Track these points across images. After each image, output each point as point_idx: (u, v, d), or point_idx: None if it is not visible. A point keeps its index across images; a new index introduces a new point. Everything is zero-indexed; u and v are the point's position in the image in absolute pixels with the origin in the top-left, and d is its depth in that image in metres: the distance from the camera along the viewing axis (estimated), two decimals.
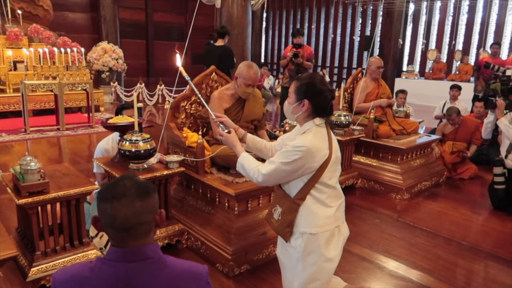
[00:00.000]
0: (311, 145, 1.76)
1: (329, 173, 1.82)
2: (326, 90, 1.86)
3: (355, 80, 4.64)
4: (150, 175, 2.47)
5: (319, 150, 1.77)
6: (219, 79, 3.27)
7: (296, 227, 1.83)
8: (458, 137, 4.80)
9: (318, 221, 1.81)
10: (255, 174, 1.89)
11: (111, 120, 2.68)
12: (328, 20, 15.12)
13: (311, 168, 1.77)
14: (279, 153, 1.83)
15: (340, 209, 1.90)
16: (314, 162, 1.76)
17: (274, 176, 1.83)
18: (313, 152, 1.74)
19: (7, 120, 6.90)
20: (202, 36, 15.18)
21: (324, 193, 1.83)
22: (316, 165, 1.76)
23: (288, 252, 1.91)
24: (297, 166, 1.76)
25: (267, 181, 1.89)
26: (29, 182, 2.08)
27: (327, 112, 1.87)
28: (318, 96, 1.84)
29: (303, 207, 1.81)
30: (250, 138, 2.25)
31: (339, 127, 3.88)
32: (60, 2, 11.79)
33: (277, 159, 1.81)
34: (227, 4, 7.80)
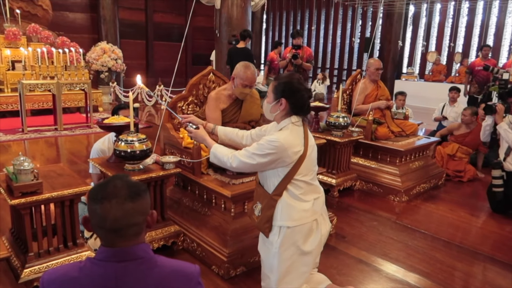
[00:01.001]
0: (285, 140, 1.83)
1: (305, 169, 1.89)
2: (303, 89, 1.92)
3: (354, 82, 4.62)
4: (145, 176, 2.45)
5: (293, 146, 1.84)
6: (216, 79, 3.25)
7: (274, 220, 1.90)
8: (467, 141, 4.76)
9: (294, 214, 1.87)
10: (229, 160, 1.98)
11: (107, 120, 2.65)
12: (328, 21, 15.12)
13: (284, 163, 1.84)
14: (255, 145, 1.91)
15: (318, 203, 1.96)
16: (287, 157, 1.82)
17: (248, 165, 1.91)
18: (286, 147, 1.81)
19: (5, 120, 6.88)
20: (202, 36, 15.20)
21: (300, 189, 1.89)
22: (289, 160, 1.83)
23: (266, 248, 1.98)
24: (270, 160, 1.83)
25: (241, 168, 1.99)
26: (22, 182, 2.05)
27: (304, 111, 1.94)
28: (295, 95, 1.90)
29: (280, 202, 1.88)
30: (221, 130, 2.37)
31: (338, 128, 3.86)
32: (60, 2, 11.77)
33: (252, 149, 1.90)
34: (226, 5, 7.78)
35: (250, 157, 1.90)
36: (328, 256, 2.76)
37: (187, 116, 2.32)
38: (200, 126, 2.27)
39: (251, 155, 1.90)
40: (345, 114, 3.98)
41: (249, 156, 1.90)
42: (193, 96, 3.14)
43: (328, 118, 3.92)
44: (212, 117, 2.87)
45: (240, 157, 1.94)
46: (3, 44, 7.51)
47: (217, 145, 2.11)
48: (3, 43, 7.52)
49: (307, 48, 6.35)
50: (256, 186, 2.06)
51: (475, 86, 7.35)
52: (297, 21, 16.04)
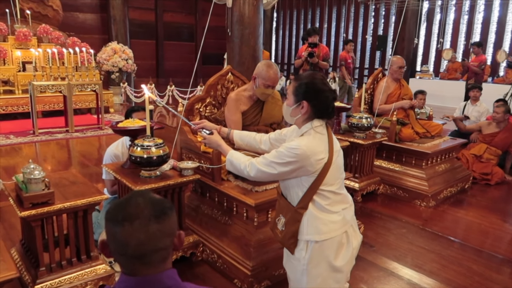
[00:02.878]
0: (307, 147, 1.65)
1: (331, 178, 1.71)
2: (327, 90, 1.73)
3: (375, 81, 4.42)
4: (163, 184, 2.29)
5: (316, 154, 1.66)
6: (235, 79, 3.09)
7: (300, 235, 1.73)
8: (496, 141, 4.54)
9: (322, 227, 1.70)
10: (246, 168, 1.81)
11: (121, 123, 2.50)
12: (340, 19, 14.88)
13: (307, 172, 1.66)
14: (274, 152, 1.74)
15: (347, 214, 1.77)
16: (310, 165, 1.65)
17: (267, 174, 1.75)
18: (309, 155, 1.64)
19: (16, 122, 6.80)
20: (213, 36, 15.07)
21: (327, 199, 1.72)
22: (312, 169, 1.65)
23: (293, 265, 1.80)
24: (291, 169, 1.67)
25: (259, 177, 1.82)
26: (32, 192, 1.90)
27: (328, 114, 1.75)
28: (318, 97, 1.71)
29: (306, 215, 1.71)
30: (237, 135, 2.19)
31: (361, 130, 3.68)
32: (70, 3, 11.72)
33: (271, 157, 1.73)
34: (238, 3, 7.60)
35: (269, 165, 1.73)
36: (356, 267, 2.56)
37: (200, 122, 2.19)
38: (214, 131, 2.12)
39: (270, 164, 1.73)
40: (368, 115, 3.79)
41: (268, 164, 1.73)
42: (211, 97, 2.98)
43: (351, 119, 3.73)
44: (231, 120, 2.71)
45: (258, 166, 1.77)
46: (14, 45, 7.44)
47: (233, 152, 1.95)
48: (14, 44, 7.44)
49: (323, 46, 6.15)
50: (278, 197, 1.89)
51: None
52: (308, 20, 15.83)
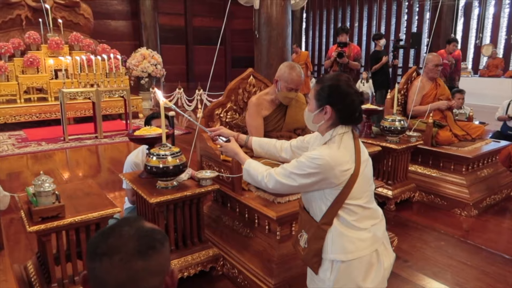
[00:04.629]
0: (331, 157, 1.48)
1: (358, 191, 1.52)
2: (353, 93, 1.55)
3: (409, 80, 4.16)
4: (179, 195, 2.17)
5: (341, 164, 1.48)
6: (257, 83, 2.94)
7: (324, 253, 1.56)
8: None
9: (349, 245, 1.52)
10: (264, 179, 1.66)
11: (138, 131, 2.41)
12: (371, 17, 14.46)
13: (331, 184, 1.49)
14: (294, 162, 1.58)
15: (377, 230, 1.58)
16: (334, 177, 1.47)
17: (287, 186, 1.59)
18: (333, 166, 1.46)
19: (48, 128, 6.94)
20: (241, 39, 15.02)
21: (354, 214, 1.54)
22: (337, 181, 1.48)
23: (317, 286, 1.64)
24: (313, 181, 1.50)
25: (278, 190, 1.67)
26: (42, 205, 1.83)
27: (355, 120, 1.58)
28: (343, 101, 1.54)
29: (331, 232, 1.54)
30: (256, 142, 2.03)
31: (393, 133, 3.44)
32: (102, 11, 11.99)
33: (291, 167, 1.56)
34: (265, 5, 7.47)
35: (289, 176, 1.57)
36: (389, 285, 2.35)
37: (217, 129, 2.05)
38: (231, 138, 1.97)
39: (289, 175, 1.57)
40: (401, 117, 3.54)
41: (287, 175, 1.57)
42: (232, 102, 2.84)
43: (383, 122, 3.50)
44: (253, 126, 2.56)
45: (277, 177, 1.61)
46: (46, 53, 7.62)
47: (250, 161, 1.80)
48: (46, 53, 7.63)
49: (354, 45, 5.91)
50: (300, 210, 1.73)
51: None
52: (338, 19, 15.49)
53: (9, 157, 5.33)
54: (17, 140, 6.18)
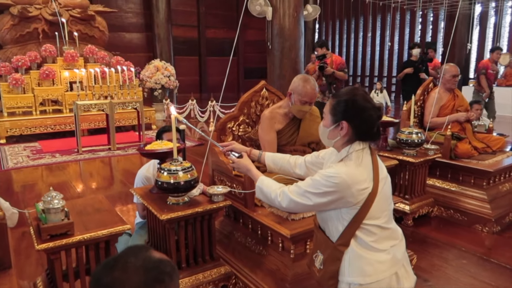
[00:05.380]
0: (348, 176, 1.41)
1: (377, 211, 1.45)
2: (370, 107, 1.48)
3: (426, 91, 4.06)
4: (190, 211, 2.11)
5: (358, 183, 1.42)
6: (270, 95, 2.89)
7: (341, 276, 1.49)
8: None
9: (367, 268, 1.45)
10: (277, 198, 1.59)
11: (149, 146, 2.37)
12: (385, 27, 14.39)
13: (348, 203, 1.42)
14: (309, 180, 1.51)
15: (397, 251, 1.51)
16: (351, 196, 1.41)
17: (301, 205, 1.53)
18: (350, 184, 1.40)
19: (63, 140, 7.00)
20: (254, 50, 15.07)
21: (373, 235, 1.47)
22: (354, 201, 1.42)
23: None
24: (329, 200, 1.43)
25: (292, 209, 1.61)
26: (51, 223, 1.79)
27: (373, 136, 1.51)
28: (360, 116, 1.48)
29: (348, 253, 1.47)
30: (269, 158, 1.98)
31: (410, 146, 3.34)
32: (117, 24, 12.18)
33: (305, 186, 1.50)
34: (278, 16, 7.47)
35: (303, 195, 1.50)
36: None
37: (229, 144, 2.00)
38: (243, 153, 1.92)
39: (304, 193, 1.50)
40: (418, 130, 3.45)
41: (302, 194, 1.51)
42: (244, 115, 2.79)
43: (399, 134, 3.41)
44: (265, 140, 2.50)
45: (291, 195, 1.54)
46: (62, 66, 7.73)
47: (263, 178, 1.73)
48: (62, 65, 7.73)
49: (336, 56, 5.89)
50: (315, 229, 1.67)
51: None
52: (351, 29, 15.46)
53: (24, 169, 5.37)
54: (32, 151, 6.23)
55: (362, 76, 15.41)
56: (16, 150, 6.33)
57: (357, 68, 15.49)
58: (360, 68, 15.45)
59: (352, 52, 15.63)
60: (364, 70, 15.38)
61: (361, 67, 15.44)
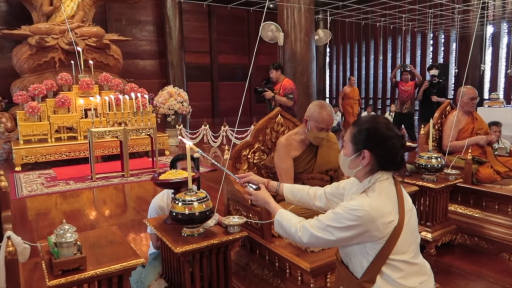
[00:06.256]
0: (371, 208, 1.34)
1: (403, 245, 1.38)
2: (394, 136, 1.43)
3: (443, 114, 3.98)
4: (206, 243, 2.04)
5: (383, 216, 1.35)
6: (285, 122, 2.84)
7: None
8: None
9: None
10: (297, 233, 1.51)
11: (163, 175, 2.33)
12: (396, 50, 14.42)
13: (373, 238, 1.35)
14: (330, 213, 1.43)
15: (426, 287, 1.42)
16: (376, 230, 1.34)
17: (323, 241, 1.45)
18: (374, 218, 1.33)
19: (77, 167, 7.03)
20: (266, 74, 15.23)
21: (400, 271, 1.39)
22: (379, 235, 1.35)
23: None
24: (353, 234, 1.36)
25: (313, 244, 1.56)
26: (63, 257, 1.74)
27: (396, 165, 1.45)
28: (383, 145, 1.42)
29: None
30: (287, 189, 1.92)
31: (430, 171, 3.24)
32: (131, 51, 12.43)
33: (327, 219, 1.43)
34: (290, 41, 7.56)
35: (325, 230, 1.43)
36: None
37: (246, 175, 1.96)
38: (261, 185, 1.86)
39: (326, 228, 1.43)
40: (438, 154, 3.35)
41: (323, 228, 1.44)
42: (260, 142, 2.75)
43: (418, 159, 3.31)
44: (282, 168, 2.45)
45: (312, 230, 1.47)
46: (77, 93, 7.85)
47: (282, 211, 1.66)
48: (77, 93, 7.86)
49: (287, 80, 5.60)
50: (337, 264, 1.58)
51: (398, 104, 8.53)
52: (362, 52, 15.52)
53: (38, 197, 5.37)
54: (47, 179, 6.26)
55: (374, 99, 15.36)
56: (31, 178, 6.36)
57: (369, 90, 15.47)
58: (372, 90, 15.42)
59: (363, 75, 15.65)
60: (376, 93, 15.34)
61: (373, 90, 15.41)
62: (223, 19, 14.35)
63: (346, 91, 9.31)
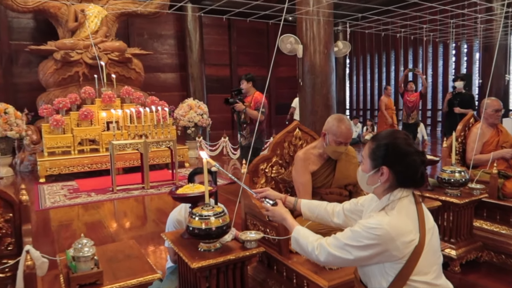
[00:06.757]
0: (391, 227, 1.30)
1: (424, 265, 1.33)
2: (413, 152, 1.39)
3: (467, 127, 3.88)
4: (222, 259, 2.03)
5: (403, 235, 1.30)
6: (303, 135, 2.82)
7: None
8: None
9: None
10: (314, 251, 1.48)
11: (181, 189, 2.33)
12: (417, 61, 14.22)
13: (392, 257, 1.31)
14: (348, 231, 1.39)
15: None
16: (395, 250, 1.29)
17: (341, 260, 1.40)
18: (394, 237, 1.29)
19: (99, 179, 7.15)
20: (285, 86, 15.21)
21: None
22: (399, 254, 1.30)
23: None
24: (371, 253, 1.32)
25: (331, 262, 1.53)
26: (80, 272, 1.75)
27: (416, 182, 1.40)
28: (403, 161, 1.38)
29: None
30: (305, 205, 1.88)
31: (454, 186, 3.15)
32: (152, 65, 12.66)
33: (345, 238, 1.38)
34: (309, 53, 7.54)
35: (343, 248, 1.39)
36: None
37: (263, 190, 1.94)
38: (278, 201, 1.83)
39: (343, 246, 1.39)
40: (461, 168, 3.26)
41: (341, 247, 1.40)
42: (277, 156, 2.73)
43: (441, 173, 3.23)
44: (299, 182, 2.42)
45: (330, 248, 1.43)
46: (100, 106, 8.02)
47: (299, 228, 1.63)
48: (100, 106, 8.03)
49: (259, 94, 5.42)
50: (355, 283, 1.54)
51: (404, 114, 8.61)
52: (382, 63, 15.37)
53: (61, 208, 5.47)
54: (69, 191, 6.38)
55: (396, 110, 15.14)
56: (54, 189, 6.50)
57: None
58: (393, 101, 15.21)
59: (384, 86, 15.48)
60: (397, 104, 15.13)
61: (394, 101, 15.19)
62: (242, 32, 14.51)
63: (386, 101, 9.17)
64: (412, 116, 8.38)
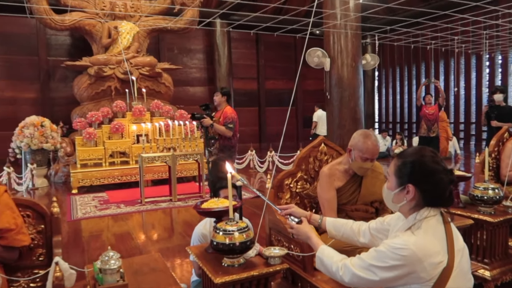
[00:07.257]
0: (418, 247, 1.26)
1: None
2: (441, 170, 1.35)
3: (501, 142, 3.74)
4: (246, 274, 2.01)
5: (431, 256, 1.26)
6: (329, 150, 2.80)
7: None
8: None
9: None
10: (339, 272, 1.45)
11: (205, 203, 2.35)
12: (449, 73, 13.90)
13: (420, 280, 1.26)
14: (373, 251, 1.36)
15: None
16: (423, 271, 1.25)
17: (366, 281, 1.36)
18: (421, 258, 1.25)
19: (128, 190, 7.30)
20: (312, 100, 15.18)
21: None
22: (426, 276, 1.25)
23: None
24: (397, 275, 1.28)
25: (355, 284, 1.43)
26: (106, 284, 1.79)
27: (444, 201, 1.37)
28: (430, 180, 1.34)
29: None
30: (330, 224, 1.86)
31: (487, 203, 3.02)
32: (182, 79, 12.94)
33: (369, 258, 1.35)
34: (336, 67, 7.51)
35: (368, 269, 1.36)
36: None
37: (288, 207, 1.91)
38: (303, 219, 1.81)
39: (368, 267, 1.36)
40: (495, 185, 3.13)
41: (366, 268, 1.36)
42: (302, 171, 2.71)
43: (473, 190, 3.11)
44: (324, 198, 2.39)
45: (354, 269, 1.40)
46: (130, 120, 8.24)
47: (324, 247, 1.61)
48: (130, 119, 8.25)
49: (228, 108, 5.36)
50: None
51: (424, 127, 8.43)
52: (412, 75, 15.11)
53: (91, 219, 5.61)
54: (100, 202, 6.55)
55: None
56: (85, 200, 6.68)
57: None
58: None
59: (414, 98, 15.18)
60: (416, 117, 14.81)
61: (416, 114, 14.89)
62: (270, 46, 14.63)
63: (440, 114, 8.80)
64: (433, 129, 8.12)
